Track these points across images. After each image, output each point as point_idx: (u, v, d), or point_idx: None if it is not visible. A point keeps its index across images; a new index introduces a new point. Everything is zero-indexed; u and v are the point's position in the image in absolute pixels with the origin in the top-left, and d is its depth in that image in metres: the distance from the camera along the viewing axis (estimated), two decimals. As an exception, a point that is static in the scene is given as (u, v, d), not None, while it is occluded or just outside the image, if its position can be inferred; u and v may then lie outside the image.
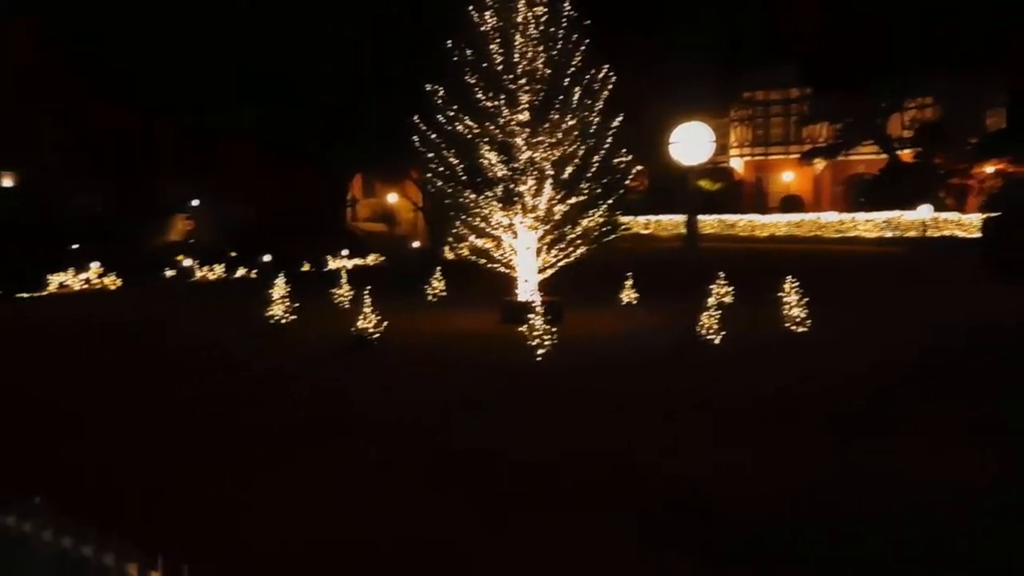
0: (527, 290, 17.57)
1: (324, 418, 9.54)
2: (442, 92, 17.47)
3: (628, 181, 19.00)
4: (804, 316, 14.96)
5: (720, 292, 18.01)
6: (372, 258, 38.04)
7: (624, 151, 17.97)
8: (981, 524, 6.00)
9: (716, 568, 5.37)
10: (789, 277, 15.35)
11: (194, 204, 39.98)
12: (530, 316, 13.59)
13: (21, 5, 31.11)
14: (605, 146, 17.55)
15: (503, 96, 17.16)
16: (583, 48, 17.54)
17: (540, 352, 12.93)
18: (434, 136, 17.63)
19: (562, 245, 17.64)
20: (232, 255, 32.64)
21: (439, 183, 18.02)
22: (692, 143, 38.69)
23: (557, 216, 17.42)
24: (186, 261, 31.90)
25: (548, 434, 8.70)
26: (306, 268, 32.66)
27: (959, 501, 6.41)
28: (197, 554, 3.76)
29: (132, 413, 9.89)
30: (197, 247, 35.20)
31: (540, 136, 17.17)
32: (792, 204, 52.73)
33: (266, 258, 32.39)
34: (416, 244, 43.46)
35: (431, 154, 17.83)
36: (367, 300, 14.48)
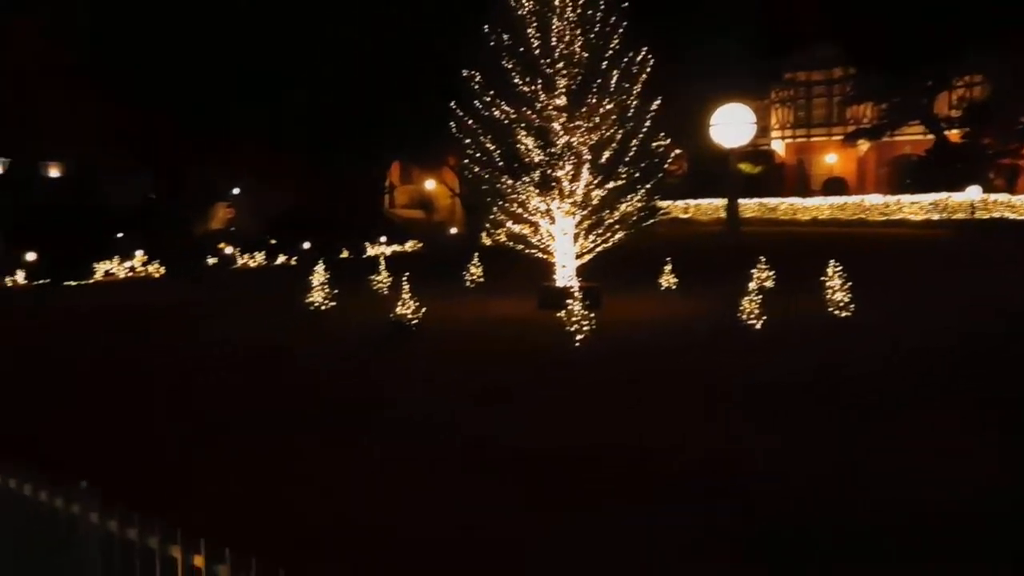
0: (565, 276, 17.49)
1: (365, 404, 9.60)
2: (479, 78, 17.44)
3: (667, 165, 18.83)
4: (848, 300, 14.69)
5: (761, 277, 17.78)
6: (410, 244, 38.21)
7: (663, 134, 17.79)
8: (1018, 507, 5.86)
9: (753, 559, 5.31)
10: (832, 261, 15.09)
11: (235, 192, 40.52)
12: (568, 302, 13.54)
13: (58, 5, 31.72)
14: (643, 130, 17.35)
15: (540, 81, 17.05)
16: (621, 31, 17.34)
17: (579, 338, 12.88)
18: (471, 122, 17.61)
19: (600, 230, 17.52)
20: (272, 242, 33.04)
21: (476, 169, 18.00)
22: (732, 125, 38.03)
23: (595, 201, 17.29)
24: (228, 249, 32.37)
25: (585, 422, 8.66)
26: (345, 255, 32.93)
27: (991, 489, 6.28)
28: (232, 538, 3.80)
29: (173, 399, 10.07)
30: (238, 235, 35.71)
31: (578, 120, 17.05)
32: (835, 187, 51.66)
33: (306, 245, 32.71)
34: (454, 230, 43.52)
35: (468, 140, 17.83)
36: (405, 286, 14.55)
